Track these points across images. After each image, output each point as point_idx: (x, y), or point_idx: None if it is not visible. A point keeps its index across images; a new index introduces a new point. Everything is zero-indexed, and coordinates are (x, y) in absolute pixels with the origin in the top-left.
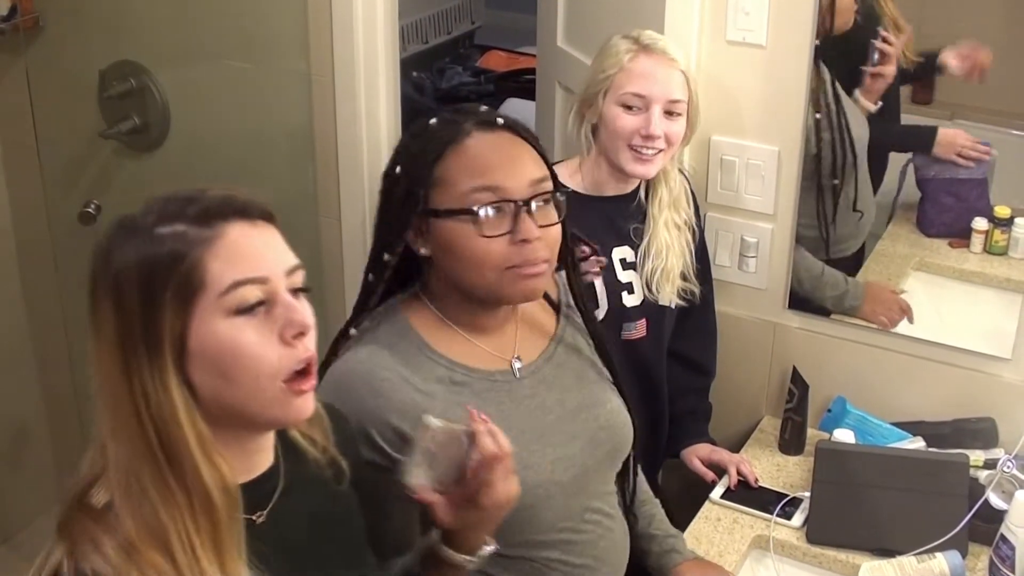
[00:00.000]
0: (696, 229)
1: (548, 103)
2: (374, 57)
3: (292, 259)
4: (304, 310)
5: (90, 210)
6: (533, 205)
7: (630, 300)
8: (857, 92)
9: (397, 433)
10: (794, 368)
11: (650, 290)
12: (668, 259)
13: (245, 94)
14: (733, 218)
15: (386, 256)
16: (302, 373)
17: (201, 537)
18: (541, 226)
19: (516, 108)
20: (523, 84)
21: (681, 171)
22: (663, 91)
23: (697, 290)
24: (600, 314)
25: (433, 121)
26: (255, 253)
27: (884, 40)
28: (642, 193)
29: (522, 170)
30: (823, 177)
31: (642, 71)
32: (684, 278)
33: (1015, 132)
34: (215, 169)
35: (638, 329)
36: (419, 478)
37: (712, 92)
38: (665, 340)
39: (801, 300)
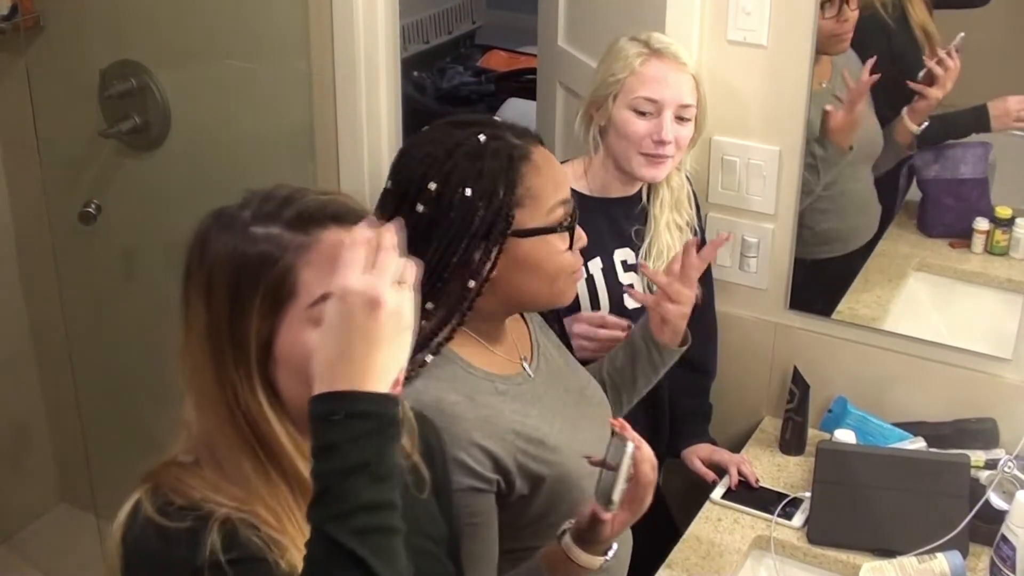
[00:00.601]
0: (698, 230)
1: (549, 103)
2: (375, 57)
3: None
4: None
5: (90, 210)
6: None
7: (632, 302)
8: (904, 112)
9: (484, 451)
10: (795, 368)
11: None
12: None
13: (246, 94)
14: (734, 218)
15: (472, 283)
16: None
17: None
18: None
19: (517, 108)
20: (524, 84)
21: (680, 171)
22: (675, 96)
23: (699, 292)
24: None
25: (483, 138)
26: None
27: (939, 62)
28: (645, 195)
29: (568, 181)
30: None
31: (654, 76)
32: None
33: (1016, 133)
34: (216, 169)
35: None
36: (619, 496)
37: (713, 92)
38: None
39: (802, 300)
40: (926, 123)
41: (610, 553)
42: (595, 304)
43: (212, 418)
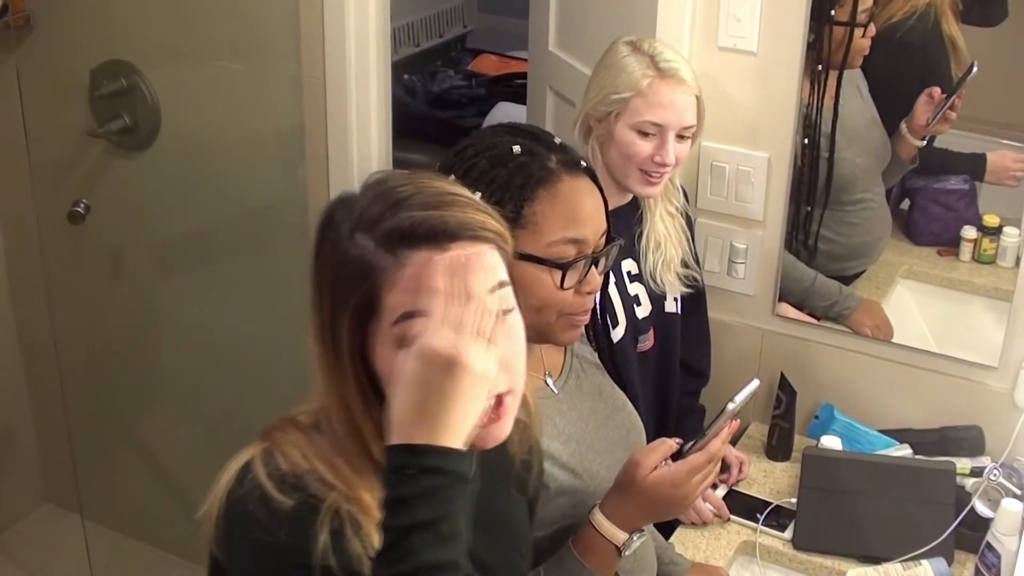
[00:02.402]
0: (688, 214)
1: (539, 108)
2: (365, 60)
3: (490, 282)
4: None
5: (79, 209)
6: (602, 256)
7: (641, 312)
8: (903, 127)
9: None
10: (782, 374)
11: (656, 283)
12: (668, 249)
13: (236, 95)
14: (723, 224)
15: None
16: (490, 407)
17: None
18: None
19: (508, 112)
20: (514, 88)
21: None
22: (679, 119)
23: (699, 275)
24: (620, 331)
25: (517, 149)
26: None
27: (951, 106)
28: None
29: (599, 224)
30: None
31: (660, 100)
32: (685, 264)
33: (1004, 141)
34: (205, 170)
35: (649, 339)
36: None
37: (703, 98)
38: (674, 351)
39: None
40: (926, 140)
41: (636, 537)
42: (614, 320)
43: (327, 396)
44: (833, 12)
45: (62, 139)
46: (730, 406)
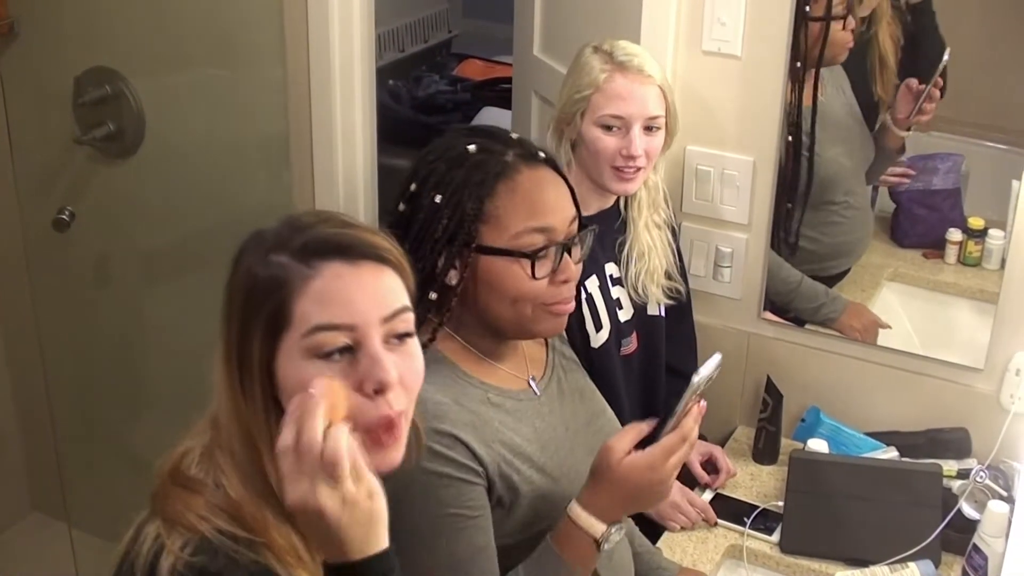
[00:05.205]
0: (675, 226)
1: (524, 113)
2: (350, 65)
3: (393, 304)
4: (390, 363)
5: (64, 216)
6: (575, 242)
7: (623, 315)
8: (887, 118)
9: (465, 445)
10: (768, 378)
11: (638, 293)
12: (651, 260)
13: (221, 101)
14: (708, 228)
15: (432, 295)
16: (383, 427)
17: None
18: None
19: (493, 117)
20: (500, 93)
21: (656, 172)
22: (641, 110)
23: (683, 288)
24: (604, 334)
25: (472, 148)
26: (345, 297)
27: (929, 95)
28: (622, 203)
29: (565, 210)
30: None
31: (618, 92)
32: (668, 276)
33: (988, 144)
34: (190, 176)
35: (632, 343)
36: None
37: (687, 102)
38: (658, 354)
39: (776, 310)
40: (910, 130)
41: (614, 529)
42: (597, 323)
43: (228, 418)
44: (808, 8)
45: (46, 146)
46: (695, 378)
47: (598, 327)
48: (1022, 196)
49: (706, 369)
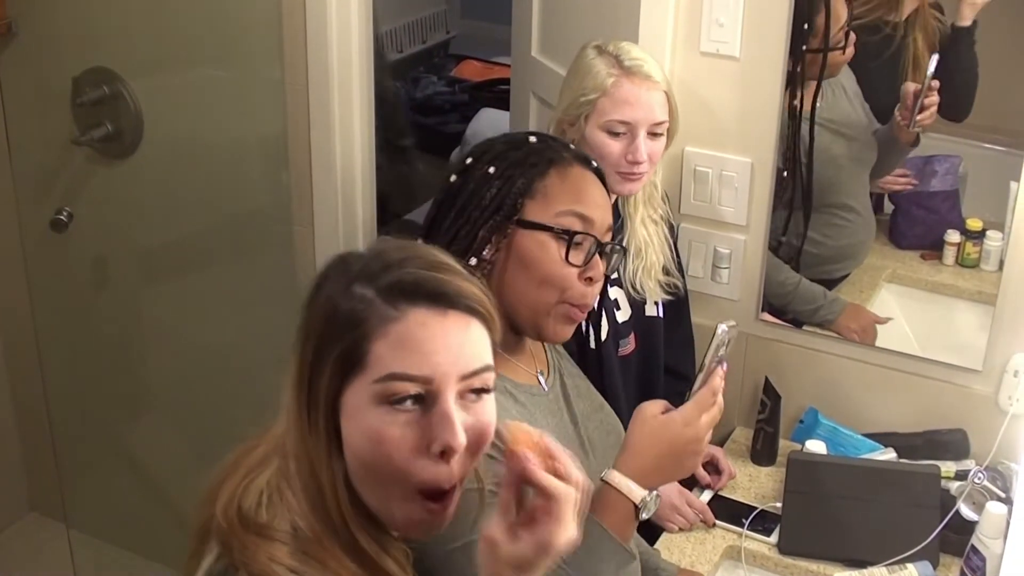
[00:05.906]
0: (672, 222)
1: (522, 113)
2: (348, 65)
3: (475, 363)
4: (460, 425)
5: (62, 217)
6: (606, 250)
7: (621, 316)
8: (897, 114)
9: None
10: (766, 379)
11: (635, 289)
12: (648, 256)
13: (219, 101)
14: (706, 229)
15: (472, 260)
16: (437, 494)
17: None
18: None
19: (491, 118)
20: (497, 94)
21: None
22: (648, 116)
23: (680, 283)
24: (602, 335)
25: (533, 139)
26: (428, 349)
27: (927, 96)
28: (619, 201)
29: (606, 214)
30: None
31: (626, 98)
32: (666, 272)
33: (986, 145)
34: (188, 176)
35: (630, 343)
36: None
37: (686, 103)
38: (657, 354)
39: (774, 311)
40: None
41: (652, 496)
42: (596, 323)
43: (294, 446)
44: (805, 47)
45: (45, 147)
46: (720, 328)
47: (596, 327)
48: (1020, 198)
49: (723, 328)
